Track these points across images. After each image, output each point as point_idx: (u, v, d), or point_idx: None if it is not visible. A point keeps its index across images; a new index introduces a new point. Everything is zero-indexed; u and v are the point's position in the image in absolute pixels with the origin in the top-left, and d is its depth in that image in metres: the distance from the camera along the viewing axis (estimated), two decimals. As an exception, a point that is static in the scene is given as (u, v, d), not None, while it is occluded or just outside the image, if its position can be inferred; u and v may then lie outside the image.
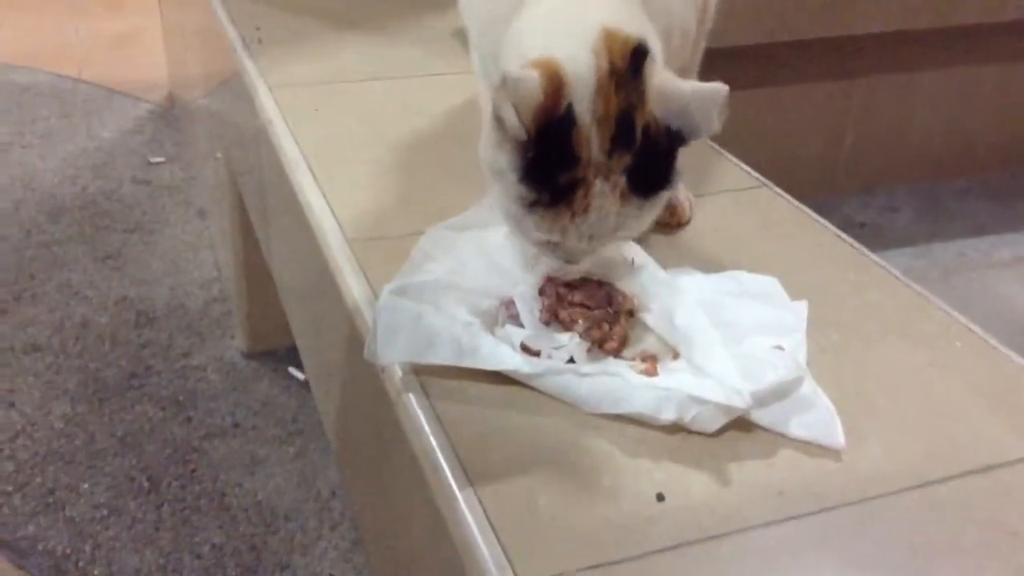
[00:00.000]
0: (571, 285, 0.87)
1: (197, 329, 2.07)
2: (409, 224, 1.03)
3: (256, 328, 1.98)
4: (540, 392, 0.81)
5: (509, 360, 0.80)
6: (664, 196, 0.81)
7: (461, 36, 1.55)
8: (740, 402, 0.77)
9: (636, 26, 0.80)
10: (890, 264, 1.05)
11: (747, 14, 1.94)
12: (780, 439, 0.79)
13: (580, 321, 0.84)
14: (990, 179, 2.51)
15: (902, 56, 2.28)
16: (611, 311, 0.86)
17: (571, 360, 0.82)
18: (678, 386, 0.78)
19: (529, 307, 0.84)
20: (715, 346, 0.81)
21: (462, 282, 0.87)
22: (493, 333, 0.84)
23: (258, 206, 1.56)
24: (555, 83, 0.75)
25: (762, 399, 0.78)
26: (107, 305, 2.12)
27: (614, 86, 0.76)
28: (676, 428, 0.79)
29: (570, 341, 0.82)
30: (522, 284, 0.87)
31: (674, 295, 0.87)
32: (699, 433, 0.78)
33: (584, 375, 0.80)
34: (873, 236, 2.23)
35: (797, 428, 0.79)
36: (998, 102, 2.44)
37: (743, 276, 0.94)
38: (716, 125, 0.76)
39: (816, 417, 0.80)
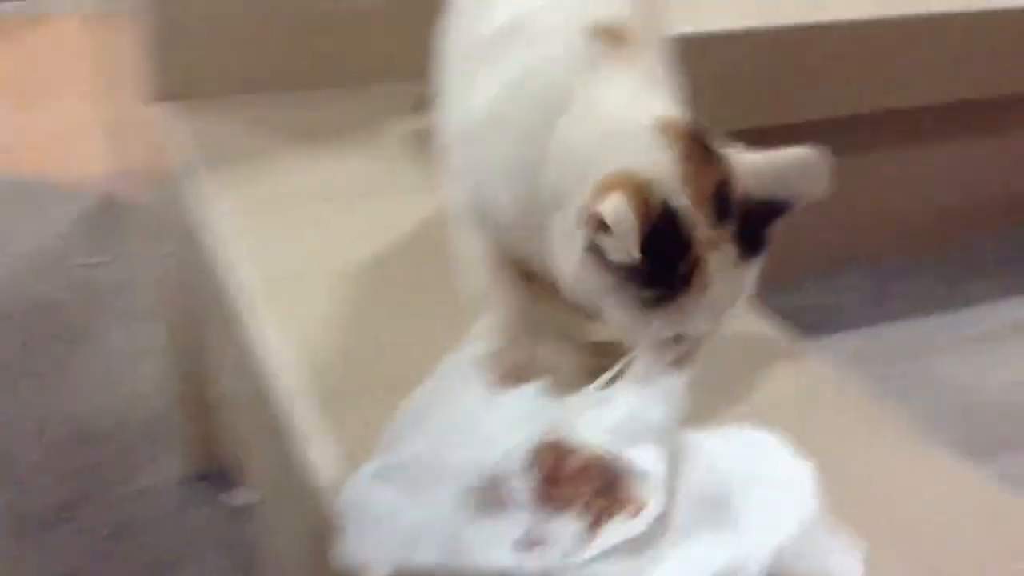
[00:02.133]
0: (560, 452, 0.79)
1: (139, 449, 1.93)
2: (382, 375, 0.96)
3: (203, 447, 1.86)
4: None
5: (506, 558, 0.71)
6: (761, 258, 0.82)
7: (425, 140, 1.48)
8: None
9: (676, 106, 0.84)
10: (838, 347, 0.99)
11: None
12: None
13: (575, 502, 0.75)
14: (930, 259, 2.47)
15: (838, 141, 2.25)
16: (608, 480, 0.77)
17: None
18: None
19: (520, 487, 0.75)
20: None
21: (440, 458, 0.78)
22: (484, 519, 0.74)
23: (205, 328, 1.45)
24: (642, 194, 0.75)
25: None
26: (38, 427, 1.97)
27: (694, 168, 0.78)
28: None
29: (568, 525, 0.73)
30: (508, 456, 0.78)
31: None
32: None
33: (593, 564, 0.71)
34: (821, 318, 2.16)
35: None
36: (936, 181, 2.43)
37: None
38: (826, 186, 0.79)
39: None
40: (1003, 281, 2.39)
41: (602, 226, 0.75)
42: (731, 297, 0.82)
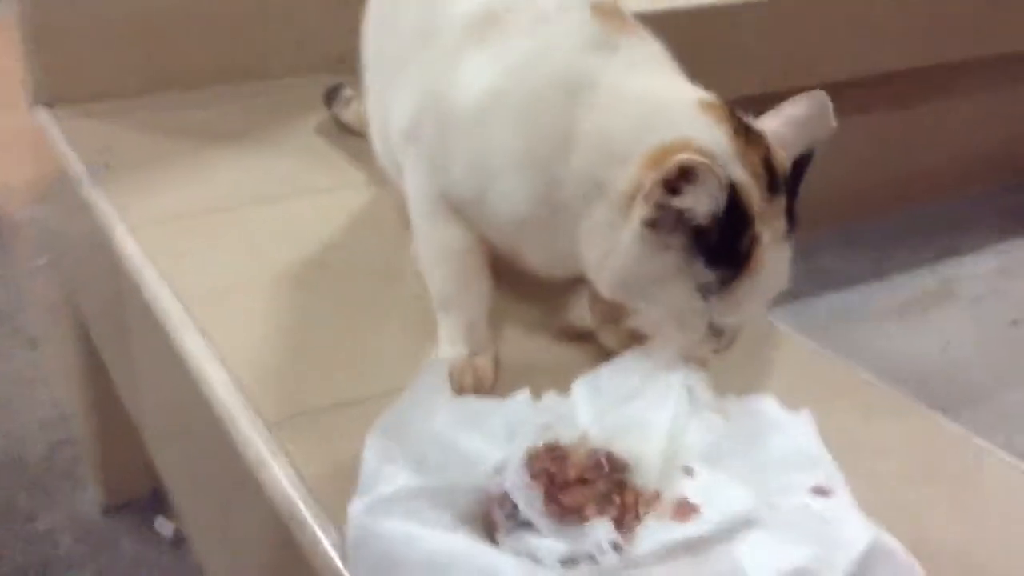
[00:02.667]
0: (555, 456, 0.72)
1: (42, 484, 1.79)
2: (334, 391, 0.88)
3: (114, 477, 1.73)
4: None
5: (544, 574, 0.64)
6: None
7: (336, 136, 1.40)
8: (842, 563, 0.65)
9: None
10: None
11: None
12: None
13: (590, 504, 0.69)
14: (854, 229, 2.50)
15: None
16: (611, 476, 0.72)
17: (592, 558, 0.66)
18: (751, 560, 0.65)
19: (530, 500, 0.68)
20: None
21: (432, 481, 0.70)
22: (495, 541, 0.67)
23: (117, 351, 1.34)
24: (711, 157, 0.72)
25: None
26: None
27: (743, 143, 0.75)
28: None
29: (600, 529, 0.67)
30: (503, 471, 0.71)
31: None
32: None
33: (639, 568, 0.65)
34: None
35: None
36: (860, 151, 2.44)
37: (763, 406, 0.81)
38: (832, 120, 0.78)
39: (896, 568, 0.68)
40: (921, 251, 2.43)
41: (675, 183, 0.71)
42: (779, 279, 0.78)
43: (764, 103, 0.82)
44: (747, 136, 0.77)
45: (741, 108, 0.80)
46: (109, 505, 1.74)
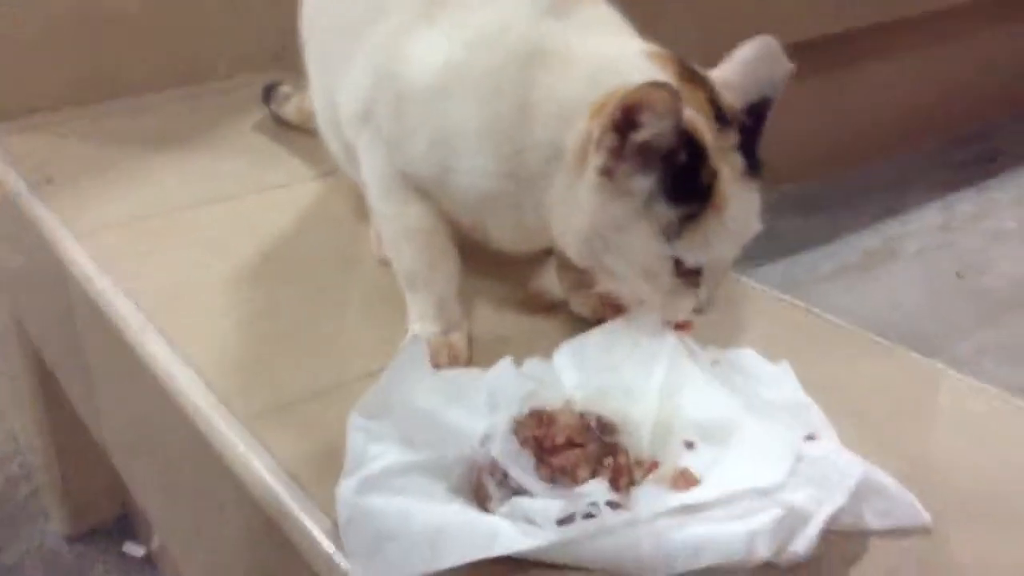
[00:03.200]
0: (542, 421, 0.72)
1: (5, 517, 1.74)
2: (307, 381, 0.86)
3: (78, 504, 1.69)
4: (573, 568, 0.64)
5: (544, 535, 0.63)
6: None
7: (277, 132, 1.38)
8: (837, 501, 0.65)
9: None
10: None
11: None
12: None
13: (581, 465, 0.68)
14: (797, 192, 2.52)
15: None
16: (601, 439, 0.71)
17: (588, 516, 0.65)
18: (751, 505, 0.65)
19: (521, 466, 0.67)
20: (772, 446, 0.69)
21: (420, 456, 0.69)
22: (488, 511, 0.66)
23: (74, 371, 1.30)
24: (661, 84, 0.71)
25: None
26: None
27: (688, 85, 0.75)
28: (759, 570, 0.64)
29: (596, 488, 0.66)
30: (490, 440, 0.70)
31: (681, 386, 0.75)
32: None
33: (639, 524, 0.64)
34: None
35: (876, 519, 0.68)
36: (803, 116, 2.46)
37: (745, 360, 0.82)
38: (786, 63, 0.78)
39: (889, 499, 0.69)
40: (867, 211, 2.46)
41: (625, 123, 0.70)
42: (747, 220, 0.77)
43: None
44: (692, 79, 0.76)
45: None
46: (74, 534, 1.70)
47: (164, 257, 1.07)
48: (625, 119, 0.71)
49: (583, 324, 0.88)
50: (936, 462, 0.77)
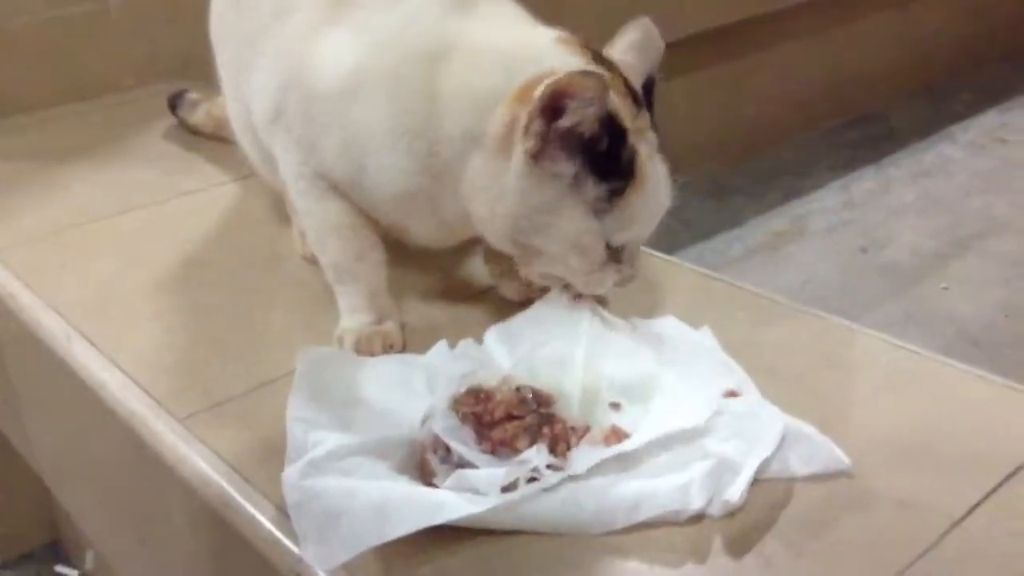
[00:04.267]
0: (480, 398, 0.73)
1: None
2: (241, 378, 0.86)
3: (7, 530, 1.65)
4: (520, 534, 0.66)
5: (487, 500, 0.65)
6: None
7: (187, 140, 1.37)
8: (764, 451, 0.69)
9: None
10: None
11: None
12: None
13: (520, 436, 0.70)
14: (704, 179, 2.58)
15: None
16: (538, 411, 0.73)
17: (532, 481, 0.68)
18: (683, 458, 0.68)
19: (462, 440, 0.69)
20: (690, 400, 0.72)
21: (362, 438, 0.70)
22: (433, 487, 0.68)
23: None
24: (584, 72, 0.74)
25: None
26: None
27: (604, 67, 0.77)
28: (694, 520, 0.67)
29: (537, 454, 0.68)
30: (431, 419, 0.72)
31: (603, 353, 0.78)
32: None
33: (579, 481, 0.67)
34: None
35: (801, 466, 0.71)
36: (701, 106, 2.52)
37: (667, 326, 0.85)
38: (660, 42, 0.83)
39: (811, 447, 0.72)
40: (772, 194, 2.52)
41: (553, 108, 0.72)
42: (663, 194, 0.80)
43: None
44: (604, 63, 0.79)
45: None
46: (5, 560, 1.66)
47: (86, 268, 1.06)
48: (553, 105, 0.73)
49: (512, 308, 0.90)
50: (853, 413, 0.81)
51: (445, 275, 1.01)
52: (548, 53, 0.79)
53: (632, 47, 0.83)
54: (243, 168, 1.13)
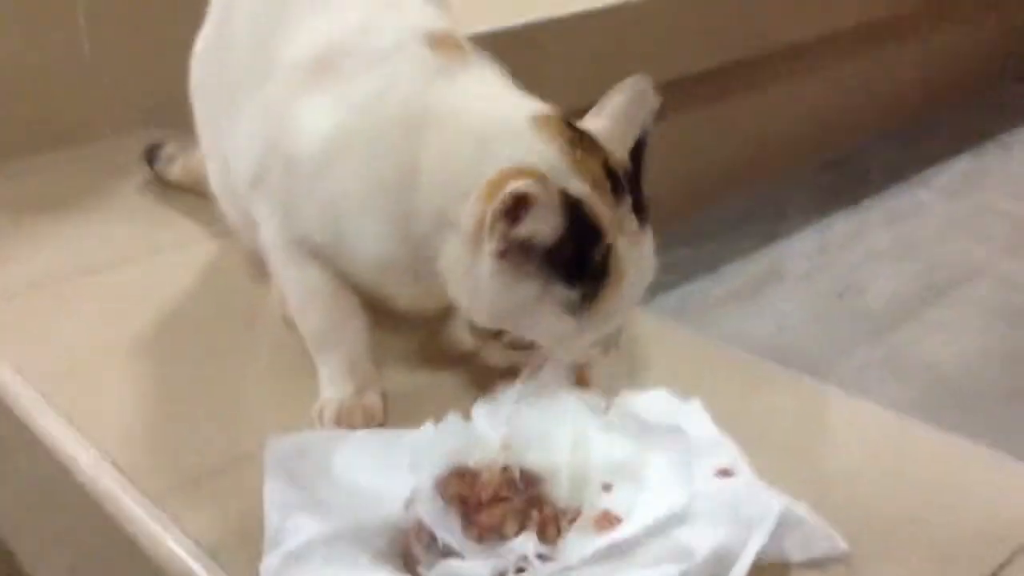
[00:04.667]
0: (466, 478, 0.71)
1: None
2: (217, 451, 0.84)
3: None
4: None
5: None
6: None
7: (163, 194, 1.35)
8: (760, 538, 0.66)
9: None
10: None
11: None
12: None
13: (508, 520, 0.68)
14: (683, 224, 2.58)
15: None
16: (526, 492, 0.71)
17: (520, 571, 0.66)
18: (679, 545, 0.66)
19: (448, 527, 0.67)
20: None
21: (342, 524, 0.68)
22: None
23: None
24: (544, 180, 0.72)
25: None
26: None
27: (580, 154, 0.75)
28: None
29: (526, 542, 0.66)
30: (413, 501, 0.69)
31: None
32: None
33: (571, 573, 0.65)
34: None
35: (797, 551, 0.70)
36: (678, 149, 2.52)
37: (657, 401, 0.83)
38: (655, 99, 0.80)
39: (808, 531, 0.70)
40: (748, 237, 2.52)
41: (514, 213, 0.71)
42: (644, 275, 0.79)
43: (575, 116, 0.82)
44: (582, 145, 0.77)
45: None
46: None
47: (54, 332, 1.03)
48: (514, 210, 0.71)
49: (496, 374, 0.88)
50: (846, 488, 0.79)
51: (427, 337, 0.99)
52: (523, 138, 0.76)
53: (619, 111, 0.80)
54: (220, 224, 1.10)
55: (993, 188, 2.77)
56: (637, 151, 0.80)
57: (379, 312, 0.91)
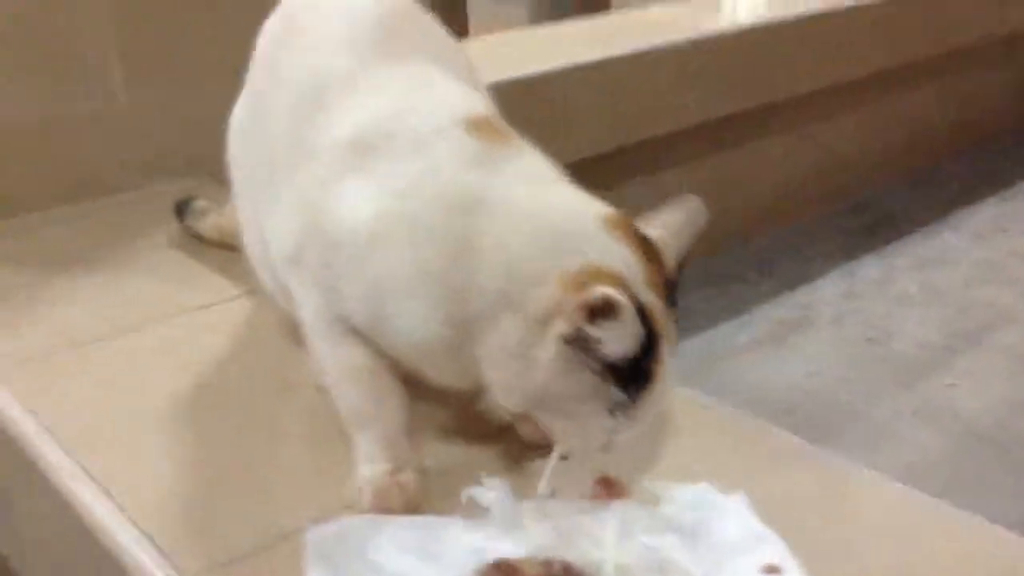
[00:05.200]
0: (504, 570, 0.70)
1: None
2: (253, 531, 0.83)
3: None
4: None
5: None
6: None
7: (194, 248, 1.34)
8: None
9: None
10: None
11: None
12: None
13: None
14: (706, 266, 2.56)
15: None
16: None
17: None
18: None
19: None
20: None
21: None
22: None
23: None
24: (625, 288, 0.74)
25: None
26: None
27: (647, 262, 0.77)
28: None
29: None
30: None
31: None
32: None
33: None
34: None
35: None
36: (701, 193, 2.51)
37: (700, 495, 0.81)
38: (704, 218, 0.84)
39: None
40: (774, 282, 2.50)
41: (595, 314, 0.72)
42: (671, 380, 0.80)
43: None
44: (646, 252, 0.78)
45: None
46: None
47: (83, 395, 1.03)
48: (595, 311, 0.72)
49: (531, 449, 0.87)
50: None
51: (462, 409, 0.98)
52: (598, 238, 0.78)
53: (675, 226, 0.83)
54: (252, 281, 1.09)
55: (1019, 232, 2.74)
56: (683, 262, 0.83)
57: (413, 384, 0.90)
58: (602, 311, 0.72)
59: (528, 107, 0.91)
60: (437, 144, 0.83)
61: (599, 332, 0.73)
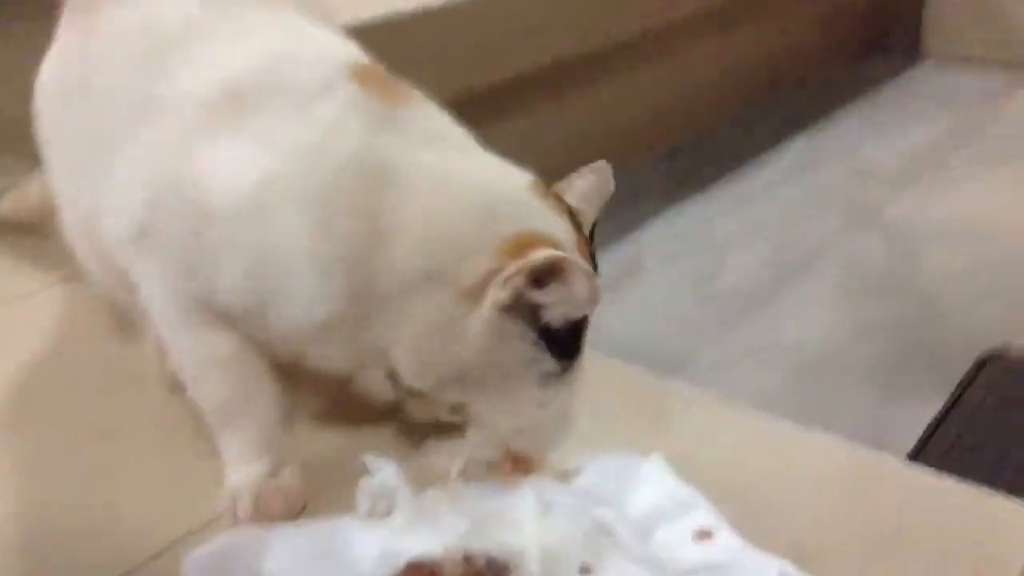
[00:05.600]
0: (422, 570, 0.64)
1: None
2: (103, 564, 0.71)
3: None
4: None
5: None
6: None
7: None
8: None
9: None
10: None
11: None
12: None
13: None
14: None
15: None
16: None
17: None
18: None
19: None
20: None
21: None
22: None
23: None
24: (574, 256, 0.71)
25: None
26: None
27: (575, 229, 0.75)
28: None
29: None
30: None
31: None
32: None
33: None
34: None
35: None
36: (534, 141, 2.48)
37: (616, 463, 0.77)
38: (612, 184, 0.80)
39: None
40: (606, 227, 2.50)
41: (538, 278, 0.68)
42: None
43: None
44: (574, 219, 0.75)
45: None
46: None
47: None
48: (542, 275, 0.68)
49: (423, 430, 0.81)
50: (824, 534, 0.75)
51: (340, 392, 0.89)
52: (532, 206, 0.74)
53: (585, 194, 0.79)
54: (70, 264, 0.96)
55: (827, 167, 2.85)
56: (593, 231, 0.80)
57: (283, 371, 0.80)
58: (549, 273, 0.68)
59: (397, 46, 0.84)
60: (326, 99, 0.72)
61: (544, 297, 0.69)
